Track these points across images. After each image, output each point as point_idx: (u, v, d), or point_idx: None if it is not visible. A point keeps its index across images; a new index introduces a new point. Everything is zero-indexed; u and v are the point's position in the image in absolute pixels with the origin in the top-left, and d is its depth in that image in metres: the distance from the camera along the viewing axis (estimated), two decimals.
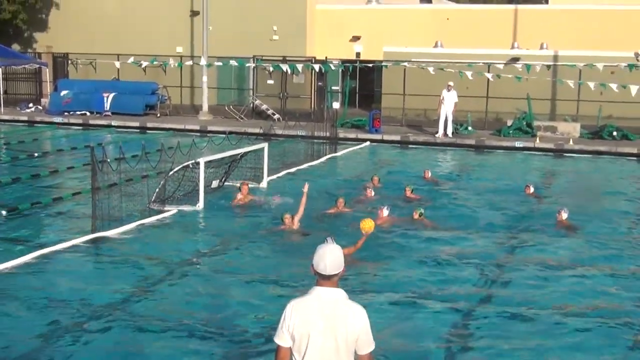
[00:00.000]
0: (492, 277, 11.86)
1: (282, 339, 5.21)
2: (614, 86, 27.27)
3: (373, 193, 17.03)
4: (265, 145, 18.97)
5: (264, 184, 18.55)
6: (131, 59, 31.69)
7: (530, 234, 14.62)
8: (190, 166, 16.01)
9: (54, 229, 14.42)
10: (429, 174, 19.91)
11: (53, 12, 41.42)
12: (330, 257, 5.21)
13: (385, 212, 14.70)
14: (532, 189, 18.03)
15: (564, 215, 14.98)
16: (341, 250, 5.29)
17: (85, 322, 9.51)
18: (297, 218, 13.86)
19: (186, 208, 15.61)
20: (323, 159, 23.50)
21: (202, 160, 15.77)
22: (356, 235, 12.04)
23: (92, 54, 37.93)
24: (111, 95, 33.58)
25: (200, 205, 15.69)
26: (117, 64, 33.56)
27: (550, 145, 26.88)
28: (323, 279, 5.23)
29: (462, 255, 12.87)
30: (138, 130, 30.88)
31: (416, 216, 14.69)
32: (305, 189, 14.23)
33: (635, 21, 32.86)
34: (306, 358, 5.15)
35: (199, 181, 15.79)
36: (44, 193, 17.68)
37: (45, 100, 35.90)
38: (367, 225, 11.90)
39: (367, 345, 5.19)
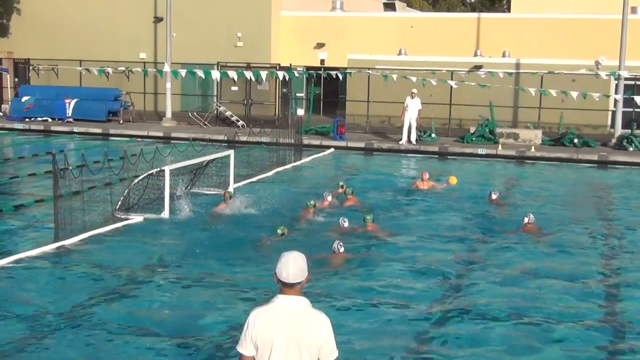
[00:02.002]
0: (456, 282, 11.95)
1: (245, 348, 5.23)
2: (574, 94, 27.64)
3: (328, 201, 16.96)
4: (231, 152, 18.91)
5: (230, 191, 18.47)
6: (95, 69, 31.28)
7: (493, 239, 14.73)
8: (155, 174, 15.90)
9: (16, 237, 14.23)
10: (426, 176, 19.73)
11: (14, 18, 40.90)
12: (293, 265, 5.22)
13: (344, 224, 14.71)
14: (494, 196, 18.12)
15: (526, 220, 15.17)
16: (305, 259, 5.29)
17: (47, 330, 9.41)
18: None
19: (151, 216, 15.49)
20: (288, 166, 23.49)
21: (167, 168, 15.66)
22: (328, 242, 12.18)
23: (54, 59, 37.55)
24: (73, 102, 33.25)
25: (166, 213, 15.59)
26: (80, 70, 33.23)
27: (513, 152, 27.14)
28: (286, 287, 5.24)
29: (426, 261, 12.95)
30: (100, 137, 30.60)
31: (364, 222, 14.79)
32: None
33: (596, 30, 33.33)
34: None
35: (164, 189, 15.68)
36: (5, 200, 17.45)
37: (6, 106, 35.44)
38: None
39: (331, 353, 5.21)
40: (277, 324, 5.15)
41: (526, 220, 15.22)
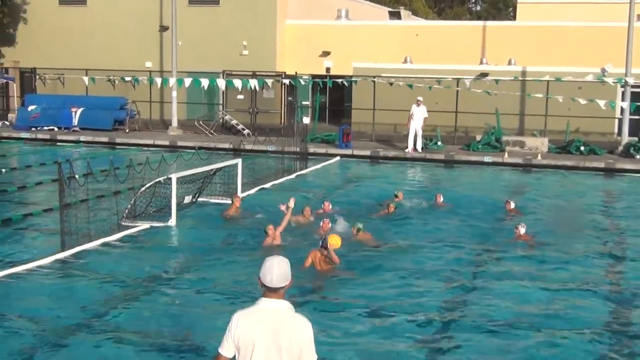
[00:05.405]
0: (459, 291, 11.91)
1: (225, 349, 5.37)
2: (581, 101, 27.60)
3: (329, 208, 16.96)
4: (239, 161, 18.94)
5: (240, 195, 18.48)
6: (100, 77, 31.26)
7: (499, 249, 14.67)
8: (162, 182, 15.93)
9: (24, 246, 14.22)
10: (440, 199, 18.66)
11: (21, 27, 41.05)
12: (277, 270, 5.34)
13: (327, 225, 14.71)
14: (512, 205, 17.77)
15: (522, 230, 15.02)
16: (288, 264, 5.40)
17: (55, 339, 9.41)
18: (279, 230, 13.89)
19: (158, 224, 15.50)
20: (294, 175, 23.46)
21: (174, 176, 15.69)
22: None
23: (60, 68, 37.64)
24: (79, 111, 33.32)
25: (173, 221, 15.59)
26: (85, 80, 33.34)
27: (519, 160, 27.10)
28: (269, 291, 5.35)
29: (431, 270, 12.96)
30: (107, 146, 30.65)
31: (354, 232, 14.58)
32: (291, 203, 14.46)
33: (602, 38, 33.31)
34: None
35: (171, 197, 15.69)
36: (13, 209, 17.48)
37: (12, 116, 35.54)
38: (334, 240, 12.35)
39: (310, 357, 5.31)
40: (259, 326, 5.26)
41: (519, 230, 15.02)
